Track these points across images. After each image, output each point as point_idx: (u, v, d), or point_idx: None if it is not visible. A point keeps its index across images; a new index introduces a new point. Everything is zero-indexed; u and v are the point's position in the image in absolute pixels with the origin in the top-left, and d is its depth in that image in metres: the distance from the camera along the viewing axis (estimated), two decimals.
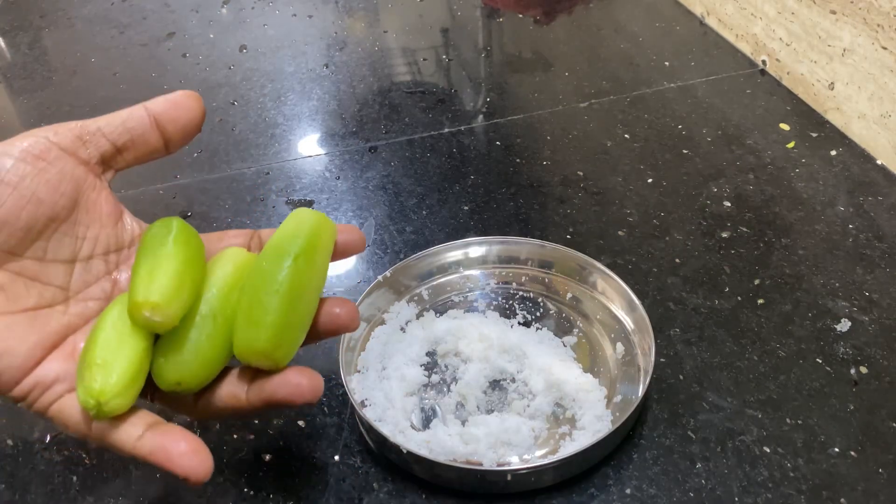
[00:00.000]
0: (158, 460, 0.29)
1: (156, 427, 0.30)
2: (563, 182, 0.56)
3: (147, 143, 0.34)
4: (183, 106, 0.35)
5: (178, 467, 0.29)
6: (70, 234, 0.33)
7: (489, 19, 0.82)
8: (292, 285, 0.31)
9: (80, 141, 0.33)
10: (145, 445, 0.30)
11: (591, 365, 0.42)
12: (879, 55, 0.53)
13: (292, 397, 0.32)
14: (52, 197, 0.32)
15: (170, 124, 0.34)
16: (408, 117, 0.66)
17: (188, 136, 0.35)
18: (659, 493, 0.36)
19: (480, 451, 0.37)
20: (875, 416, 0.39)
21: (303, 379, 0.32)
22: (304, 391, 0.31)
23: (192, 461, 0.29)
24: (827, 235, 0.50)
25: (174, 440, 0.29)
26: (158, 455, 0.29)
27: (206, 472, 0.29)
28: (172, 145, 0.35)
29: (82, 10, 0.90)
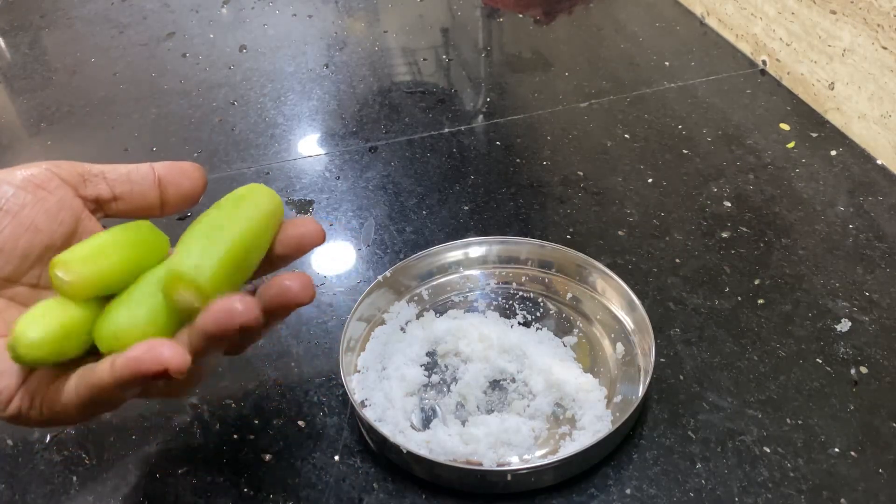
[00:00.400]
0: (139, 368, 0.28)
1: (121, 353, 0.29)
2: (563, 182, 0.56)
3: (145, 198, 0.35)
4: (188, 175, 0.36)
5: (155, 363, 0.28)
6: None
7: (489, 19, 0.82)
8: (211, 221, 0.32)
9: (81, 178, 0.34)
10: (121, 365, 0.28)
11: (591, 365, 0.42)
12: (879, 55, 0.53)
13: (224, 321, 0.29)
14: (50, 226, 0.32)
15: (171, 187, 0.35)
16: (408, 117, 0.66)
17: (185, 203, 0.36)
18: (659, 493, 0.36)
19: (480, 451, 0.37)
20: (875, 416, 0.39)
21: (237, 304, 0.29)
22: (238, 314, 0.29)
23: (167, 352, 0.28)
24: (827, 235, 0.50)
25: (144, 346, 0.28)
26: (133, 365, 0.28)
27: (182, 359, 0.28)
28: (168, 208, 0.36)
29: (82, 10, 0.90)
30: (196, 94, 0.71)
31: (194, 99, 0.71)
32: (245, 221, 0.33)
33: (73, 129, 0.68)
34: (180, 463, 0.39)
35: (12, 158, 0.65)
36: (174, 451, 0.40)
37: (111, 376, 0.29)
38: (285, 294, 0.32)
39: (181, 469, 0.39)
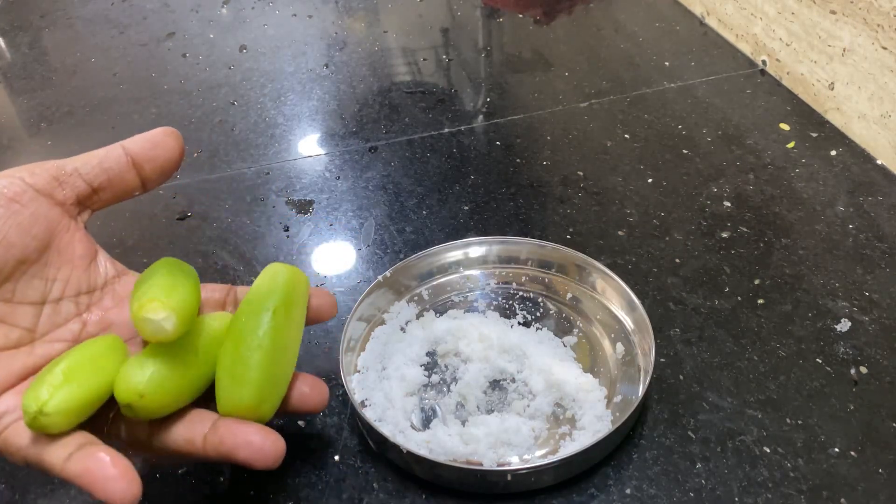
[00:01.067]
0: (84, 483, 0.28)
1: (86, 447, 0.29)
2: (563, 182, 0.56)
3: (124, 182, 0.34)
4: (161, 145, 0.35)
5: (102, 492, 0.27)
6: (40, 276, 0.32)
7: (489, 19, 0.82)
8: (273, 340, 0.32)
9: (56, 182, 0.33)
10: (73, 467, 0.28)
11: (591, 365, 0.42)
12: (879, 55, 0.53)
13: (252, 460, 0.30)
14: (23, 240, 0.31)
15: (147, 164, 0.35)
16: (408, 117, 0.66)
17: (165, 174, 0.35)
18: (659, 493, 0.36)
19: (480, 451, 0.37)
20: (875, 416, 0.39)
21: (267, 443, 0.30)
22: (266, 457, 0.30)
23: (117, 485, 0.27)
24: (827, 235, 0.50)
25: (101, 463, 0.28)
26: (84, 477, 0.28)
27: (131, 498, 0.28)
28: (150, 184, 0.35)
29: (82, 10, 0.90)
30: (196, 94, 0.71)
31: (194, 99, 0.71)
32: (298, 334, 0.34)
33: (73, 129, 0.68)
34: (180, 463, 0.39)
35: (12, 158, 0.65)
36: None
37: (60, 471, 0.29)
38: (301, 401, 0.35)
39: (181, 469, 0.39)
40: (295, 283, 0.34)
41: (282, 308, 0.33)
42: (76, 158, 0.34)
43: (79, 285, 0.34)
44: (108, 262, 0.35)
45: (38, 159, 0.33)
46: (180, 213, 0.56)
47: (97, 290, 0.35)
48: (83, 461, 0.28)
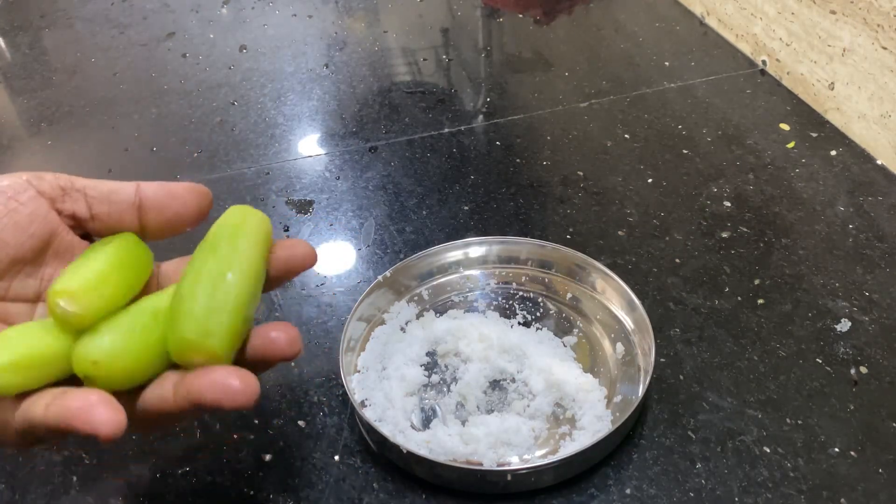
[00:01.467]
0: (66, 421, 0.26)
1: (63, 393, 0.28)
2: (563, 182, 0.56)
3: (121, 222, 0.33)
4: (179, 199, 0.33)
5: (86, 424, 0.26)
6: (35, 275, 0.32)
7: (489, 19, 0.82)
8: (211, 270, 0.30)
9: (61, 191, 0.32)
10: (53, 409, 0.27)
11: (591, 365, 0.42)
12: (879, 55, 0.53)
13: (221, 401, 0.28)
14: (18, 239, 0.31)
15: (152, 213, 0.33)
16: (408, 117, 0.66)
17: (170, 230, 0.34)
18: (659, 493, 0.36)
19: (480, 451, 0.37)
20: (875, 416, 0.39)
21: (234, 380, 0.28)
22: (235, 394, 0.28)
23: (100, 413, 0.26)
24: (827, 235, 0.50)
25: (80, 396, 0.27)
26: (65, 416, 0.26)
27: (115, 427, 0.26)
28: (149, 234, 0.34)
29: (82, 10, 0.90)
30: (196, 94, 0.71)
31: (194, 99, 0.71)
32: (246, 264, 0.31)
33: (73, 129, 0.68)
34: (180, 463, 0.39)
35: (12, 158, 0.65)
36: (174, 451, 0.40)
37: (43, 420, 0.27)
38: (271, 347, 0.31)
39: (181, 469, 0.39)
40: (245, 218, 0.33)
41: (225, 239, 0.31)
42: (88, 179, 0.33)
43: None
44: None
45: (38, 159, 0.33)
46: None
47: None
48: (61, 401, 0.27)
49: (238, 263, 0.31)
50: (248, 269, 0.31)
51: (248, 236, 0.32)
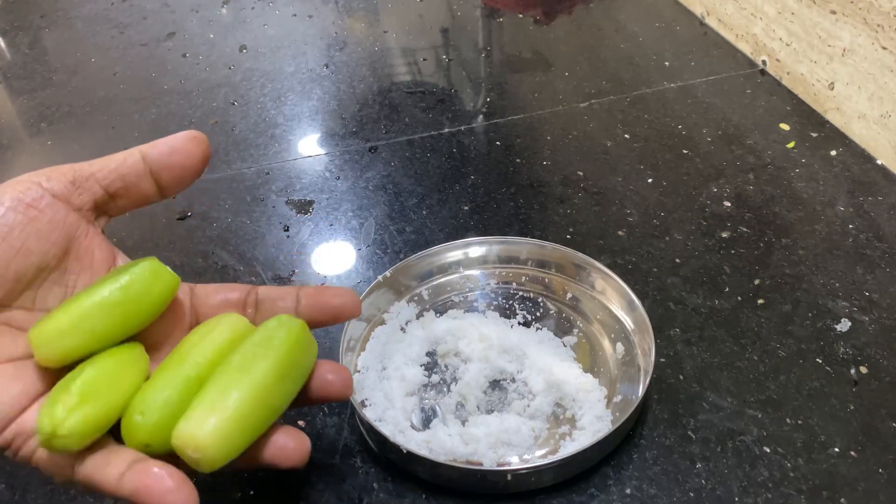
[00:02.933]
0: (142, 499, 0.28)
1: (138, 464, 0.29)
2: (563, 182, 0.56)
3: (140, 190, 0.34)
4: (181, 151, 0.34)
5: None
6: (60, 283, 0.32)
7: (489, 19, 0.82)
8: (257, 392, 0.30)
9: (73, 186, 0.32)
10: (128, 484, 0.28)
11: (591, 365, 0.42)
12: (879, 55, 0.53)
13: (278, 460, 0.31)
14: (42, 247, 0.31)
15: (165, 171, 0.34)
16: (408, 117, 0.66)
17: (185, 182, 0.34)
18: (659, 493, 0.36)
19: (480, 451, 0.37)
20: (875, 416, 0.39)
21: (290, 441, 0.31)
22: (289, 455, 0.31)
23: (176, 498, 0.28)
24: (827, 235, 0.50)
25: (158, 477, 0.28)
26: (142, 494, 0.28)
27: None
28: (167, 192, 0.34)
29: (82, 10, 0.90)
30: (196, 94, 0.71)
31: (194, 99, 0.71)
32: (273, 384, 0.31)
33: (73, 129, 0.68)
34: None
35: (12, 158, 0.65)
36: None
37: (115, 489, 0.28)
38: (326, 389, 0.33)
39: None
40: (302, 345, 0.33)
41: (277, 366, 0.31)
42: (94, 163, 0.33)
43: None
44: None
45: (38, 159, 0.33)
46: (180, 213, 0.56)
47: None
48: (138, 477, 0.28)
49: (280, 399, 0.31)
50: (285, 401, 0.32)
51: (299, 369, 0.33)
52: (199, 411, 0.29)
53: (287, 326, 0.33)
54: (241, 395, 0.30)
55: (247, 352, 0.31)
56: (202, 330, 0.33)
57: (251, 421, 0.30)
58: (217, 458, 0.29)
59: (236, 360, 0.31)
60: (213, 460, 0.29)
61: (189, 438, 0.28)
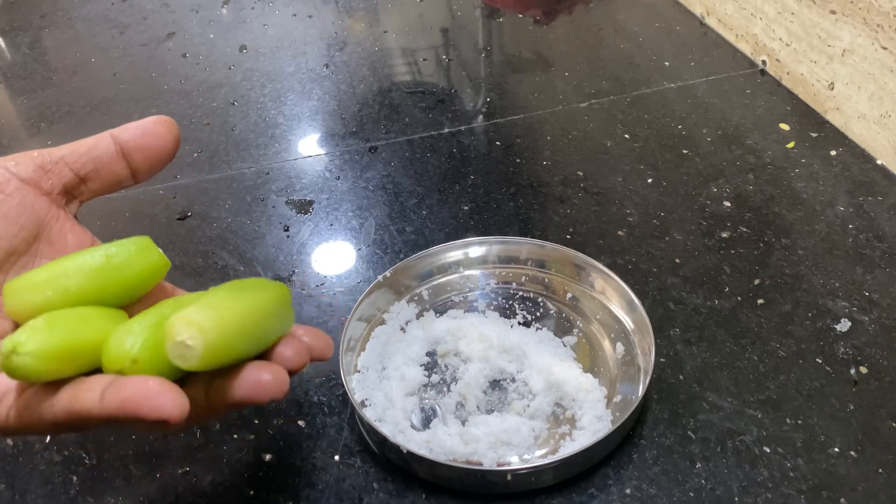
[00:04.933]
0: (129, 410, 0.26)
1: (116, 381, 0.27)
2: (563, 182, 0.56)
3: (112, 173, 0.33)
4: (153, 133, 0.33)
5: (152, 411, 0.26)
6: (30, 266, 0.32)
7: (489, 19, 0.82)
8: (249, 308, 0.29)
9: (41, 171, 0.32)
10: (111, 400, 0.26)
11: (591, 365, 0.42)
12: (879, 55, 0.53)
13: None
14: (10, 231, 0.31)
15: (137, 153, 0.33)
16: (408, 117, 0.66)
17: (158, 165, 0.34)
18: (659, 493, 0.36)
19: (480, 451, 0.37)
20: (875, 416, 0.39)
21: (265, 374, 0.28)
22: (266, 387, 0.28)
23: (164, 400, 0.26)
24: (827, 235, 0.50)
25: (142, 385, 0.26)
26: (128, 405, 0.26)
27: (182, 411, 0.26)
28: (140, 175, 0.34)
29: (82, 10, 0.90)
30: (196, 94, 0.71)
31: (194, 99, 0.71)
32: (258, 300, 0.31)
33: (73, 129, 0.68)
34: (180, 463, 0.39)
35: None
36: (174, 451, 0.40)
37: (99, 410, 0.27)
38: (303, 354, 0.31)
39: (181, 469, 0.39)
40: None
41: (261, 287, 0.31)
42: (63, 147, 0.33)
43: None
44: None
45: None
46: (180, 213, 0.56)
47: None
48: (121, 391, 0.26)
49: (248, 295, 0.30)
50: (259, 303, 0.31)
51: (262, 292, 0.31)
52: (197, 305, 0.28)
53: (274, 285, 0.32)
54: (235, 303, 0.29)
55: (237, 284, 0.31)
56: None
57: (244, 328, 0.29)
58: (213, 347, 0.27)
59: (229, 286, 0.30)
60: (210, 347, 0.27)
61: (189, 320, 0.27)
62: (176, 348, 0.27)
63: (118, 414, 0.26)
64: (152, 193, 0.59)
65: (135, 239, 0.32)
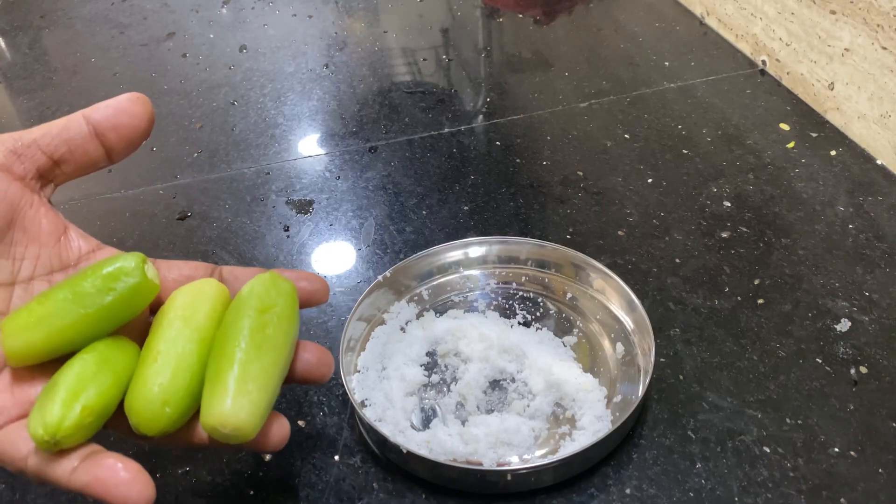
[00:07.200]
0: (95, 492, 0.27)
1: (92, 457, 0.28)
2: (563, 182, 0.56)
3: (87, 154, 0.32)
4: (126, 112, 0.33)
5: (115, 497, 0.27)
6: (6, 255, 0.31)
7: (489, 19, 0.82)
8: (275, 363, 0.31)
9: (14, 155, 0.31)
10: (80, 478, 0.28)
11: (591, 365, 0.42)
12: (879, 55, 0.53)
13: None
14: None
15: (111, 132, 0.32)
16: (408, 117, 0.66)
17: (132, 144, 0.33)
18: (659, 493, 0.36)
19: (480, 451, 0.37)
20: (875, 416, 0.39)
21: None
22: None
23: (130, 489, 0.27)
24: (827, 235, 0.50)
25: (111, 469, 0.27)
26: (94, 486, 0.27)
27: (146, 500, 0.27)
28: (115, 155, 0.33)
29: (82, 10, 0.90)
30: (196, 94, 0.71)
31: (194, 99, 0.71)
32: (283, 348, 0.32)
33: None
34: (180, 463, 0.39)
35: None
36: (174, 450, 0.40)
37: (67, 483, 0.28)
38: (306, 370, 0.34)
39: (181, 469, 0.39)
40: (276, 294, 0.33)
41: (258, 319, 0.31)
42: (35, 129, 0.32)
43: (50, 263, 0.32)
44: (80, 238, 0.33)
45: None
46: (180, 213, 0.56)
47: (70, 268, 0.33)
48: (91, 471, 0.28)
49: (273, 351, 0.31)
50: (284, 358, 0.32)
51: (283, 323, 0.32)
52: (229, 392, 0.29)
53: (281, 288, 0.33)
54: (263, 368, 0.30)
55: (254, 322, 0.31)
56: (185, 301, 0.32)
57: (273, 389, 0.31)
58: (252, 432, 0.30)
59: (246, 332, 0.31)
60: (248, 435, 0.29)
61: (226, 419, 0.29)
62: (217, 435, 0.29)
63: (87, 492, 0.27)
64: (152, 193, 0.59)
65: (129, 280, 0.31)
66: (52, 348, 0.30)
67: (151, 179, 0.60)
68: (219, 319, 0.32)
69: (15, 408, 0.30)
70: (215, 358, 0.30)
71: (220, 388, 0.29)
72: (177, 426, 0.30)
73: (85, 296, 0.30)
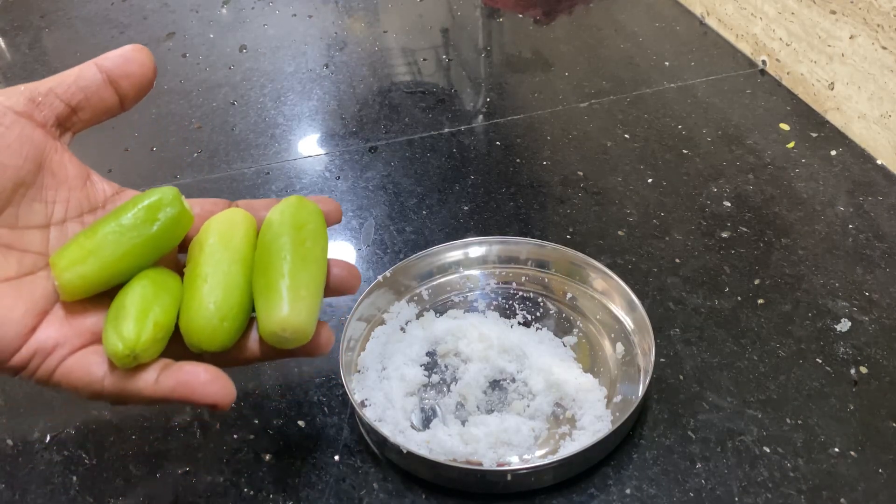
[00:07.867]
0: (182, 395, 0.29)
1: (169, 367, 0.30)
2: (563, 182, 0.56)
3: (102, 100, 0.33)
4: (134, 60, 0.34)
5: (203, 396, 0.29)
6: (39, 198, 0.32)
7: (489, 19, 0.82)
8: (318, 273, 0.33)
9: (33, 103, 0.32)
10: (165, 385, 0.30)
11: (591, 365, 0.42)
12: (879, 55, 0.53)
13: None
14: (16, 162, 0.31)
15: (123, 80, 0.34)
16: (408, 117, 0.66)
17: (142, 91, 0.35)
18: (659, 493, 0.36)
19: (480, 451, 0.37)
20: (875, 416, 0.39)
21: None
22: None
23: (215, 387, 0.30)
24: (827, 235, 0.50)
25: (192, 373, 0.30)
26: (181, 390, 0.30)
27: (230, 397, 0.30)
28: (127, 102, 0.34)
29: (82, 10, 0.90)
30: (196, 94, 0.71)
31: (194, 99, 0.71)
32: (322, 260, 0.34)
33: None
34: (180, 463, 0.39)
35: None
36: (174, 451, 0.40)
37: (152, 392, 0.30)
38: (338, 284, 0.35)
39: (181, 469, 0.39)
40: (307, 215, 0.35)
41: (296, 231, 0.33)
42: (50, 79, 0.33)
43: (80, 205, 0.33)
44: (103, 182, 0.35)
45: None
46: None
47: (99, 209, 0.34)
48: (174, 376, 0.30)
49: (316, 260, 0.34)
50: (323, 263, 0.34)
51: (319, 233, 0.35)
52: (285, 298, 0.31)
53: (310, 208, 0.35)
54: (311, 276, 0.33)
55: (293, 238, 0.33)
56: (221, 228, 0.34)
57: (320, 296, 0.33)
58: (310, 334, 0.32)
59: (289, 246, 0.33)
60: (306, 337, 0.32)
61: (286, 323, 0.31)
62: (277, 340, 0.31)
63: (173, 398, 0.30)
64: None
65: (170, 210, 0.33)
66: (105, 279, 0.31)
67: (151, 179, 0.60)
68: (252, 243, 0.34)
69: (77, 338, 0.31)
70: (262, 272, 0.32)
71: (275, 297, 0.31)
72: (233, 341, 0.32)
73: (132, 227, 0.32)
